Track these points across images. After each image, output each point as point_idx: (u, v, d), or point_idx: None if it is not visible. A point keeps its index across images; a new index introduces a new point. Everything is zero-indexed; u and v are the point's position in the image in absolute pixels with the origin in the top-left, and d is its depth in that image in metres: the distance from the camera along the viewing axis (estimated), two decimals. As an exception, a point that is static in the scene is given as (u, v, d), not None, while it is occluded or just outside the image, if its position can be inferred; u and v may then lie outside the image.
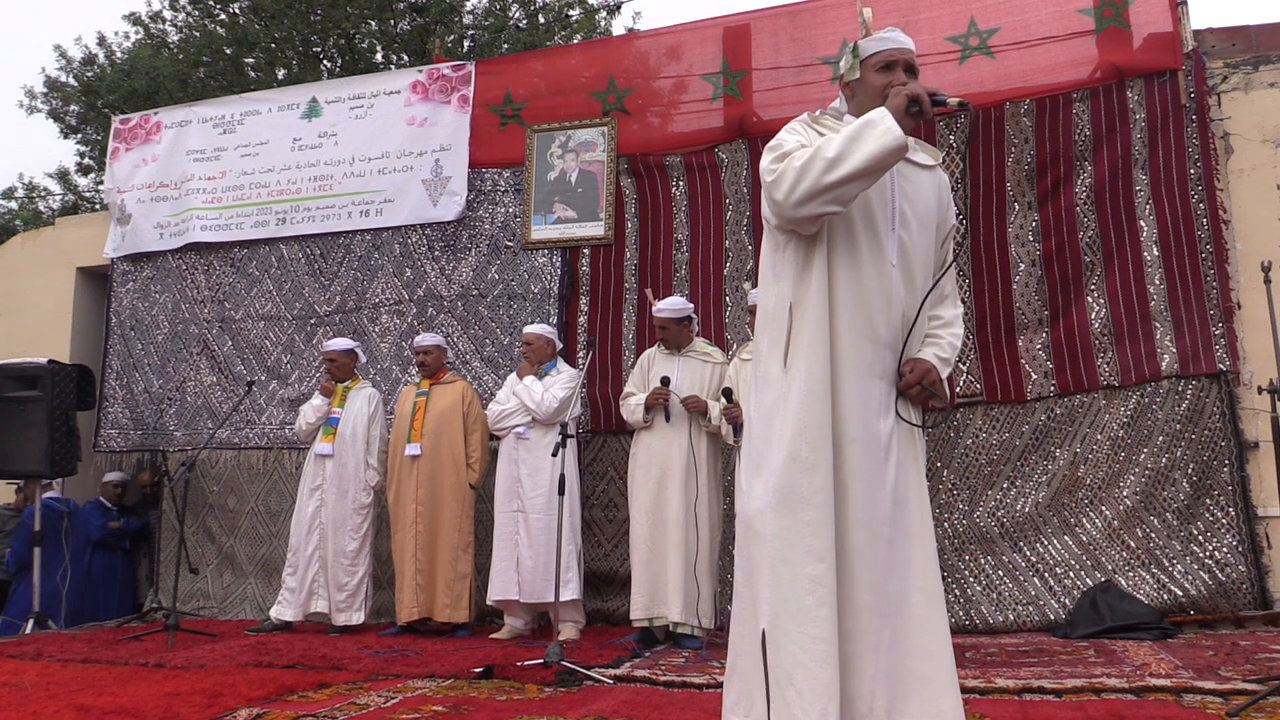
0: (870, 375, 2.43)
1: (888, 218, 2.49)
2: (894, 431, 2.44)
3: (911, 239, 2.50)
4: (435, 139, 7.26)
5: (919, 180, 2.56)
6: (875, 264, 2.46)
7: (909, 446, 2.48)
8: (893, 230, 2.49)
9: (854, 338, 2.43)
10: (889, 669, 2.31)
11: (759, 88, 6.55)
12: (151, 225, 8.00)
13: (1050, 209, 5.83)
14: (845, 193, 2.36)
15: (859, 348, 2.43)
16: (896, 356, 2.47)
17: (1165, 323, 5.52)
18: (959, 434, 5.77)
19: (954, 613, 5.46)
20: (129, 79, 15.11)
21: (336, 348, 6.43)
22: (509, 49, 14.73)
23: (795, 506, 2.34)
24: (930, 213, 2.56)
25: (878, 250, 2.46)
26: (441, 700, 3.70)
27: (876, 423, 2.42)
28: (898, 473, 2.42)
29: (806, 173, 2.36)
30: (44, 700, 3.80)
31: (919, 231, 2.52)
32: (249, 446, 7.40)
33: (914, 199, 2.52)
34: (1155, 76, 5.73)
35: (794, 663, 2.26)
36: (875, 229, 2.47)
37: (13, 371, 6.78)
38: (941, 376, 2.50)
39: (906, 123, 2.33)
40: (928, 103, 2.34)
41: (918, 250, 2.51)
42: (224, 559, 7.34)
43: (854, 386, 2.41)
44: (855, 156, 2.32)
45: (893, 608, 2.33)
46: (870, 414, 2.42)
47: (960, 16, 6.11)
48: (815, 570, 2.29)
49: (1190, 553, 5.23)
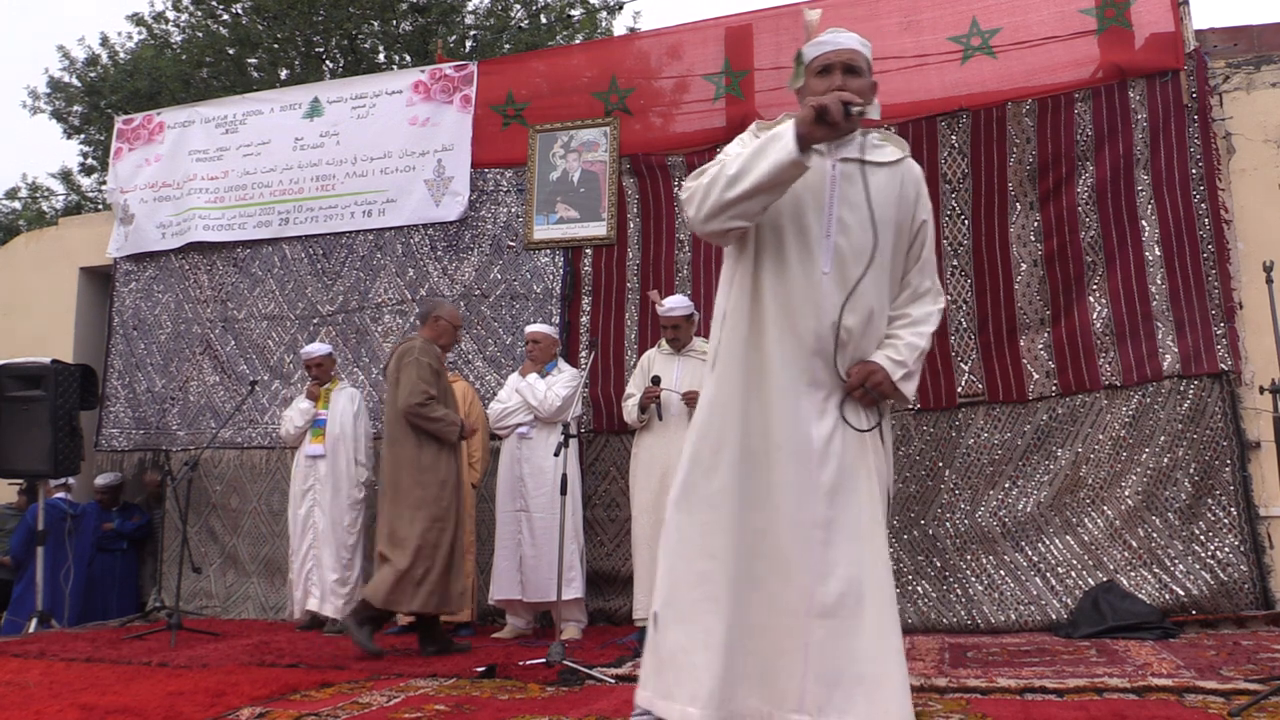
0: (802, 384, 2.46)
1: (823, 225, 2.49)
2: (834, 437, 2.44)
3: (851, 245, 2.48)
4: (438, 139, 7.27)
5: (873, 180, 2.51)
6: (805, 273, 2.48)
7: (856, 450, 2.46)
8: (828, 237, 2.49)
9: (782, 348, 2.47)
10: (823, 669, 2.33)
11: (761, 88, 6.55)
12: (154, 225, 8.02)
13: (1052, 209, 5.83)
14: (747, 209, 2.42)
15: (789, 357, 2.47)
16: (829, 364, 2.47)
17: (1167, 322, 5.52)
18: (961, 434, 5.77)
19: (955, 612, 5.47)
20: (132, 79, 15.14)
21: (319, 352, 6.50)
22: (511, 49, 14.74)
23: (693, 505, 2.47)
24: (887, 213, 2.52)
25: (808, 259, 2.48)
26: (444, 699, 3.71)
27: (808, 429, 2.44)
28: (838, 477, 2.42)
29: (711, 190, 2.44)
30: (47, 699, 3.81)
31: (868, 235, 2.48)
32: (252, 446, 7.41)
33: (862, 203, 2.48)
34: (1157, 76, 5.73)
35: (676, 647, 2.39)
36: (807, 237, 2.49)
37: (16, 371, 6.79)
38: (893, 377, 2.47)
39: (819, 133, 2.33)
40: (836, 112, 2.31)
41: (865, 256, 2.48)
42: (227, 558, 7.35)
43: (784, 395, 2.46)
44: (753, 174, 2.37)
45: (829, 609, 2.35)
46: (801, 421, 2.44)
47: (962, 16, 6.10)
48: (704, 566, 2.41)
49: (1192, 552, 5.23)
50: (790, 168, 2.34)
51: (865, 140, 2.54)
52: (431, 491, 4.97)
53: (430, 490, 4.98)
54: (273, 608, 6.97)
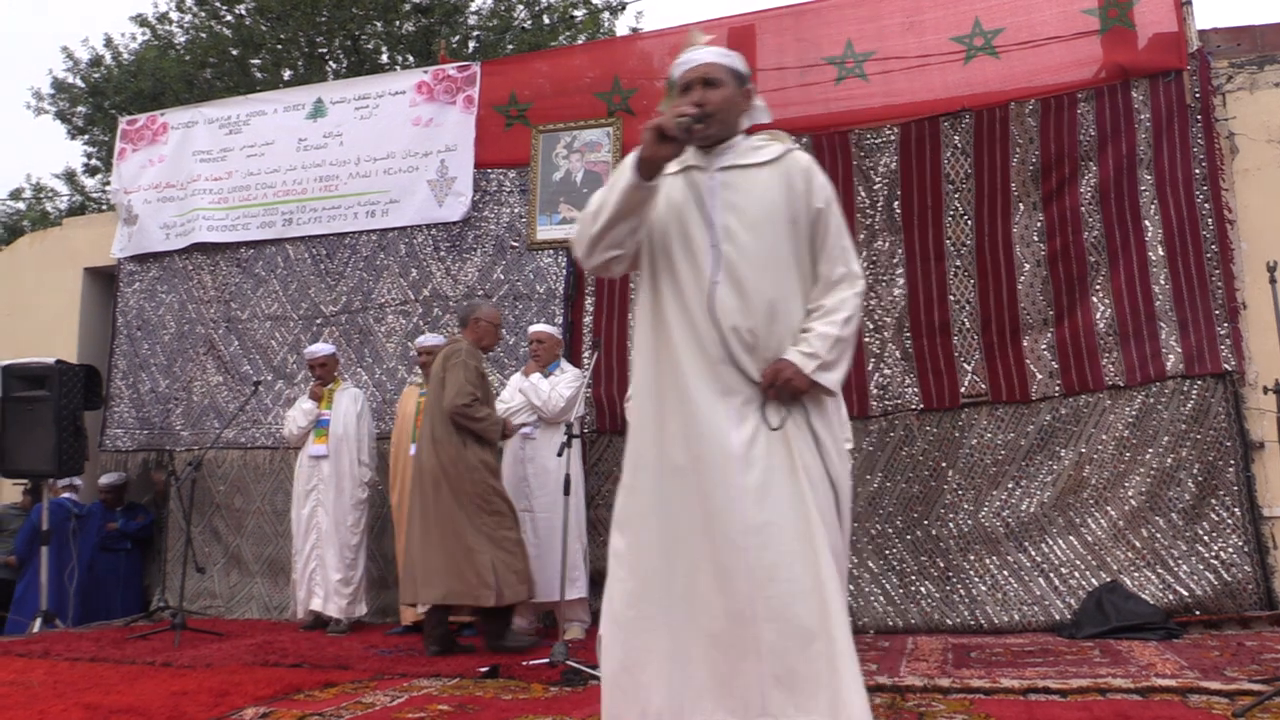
0: (715, 393, 2.48)
1: (706, 235, 2.53)
2: (755, 441, 2.44)
3: (739, 249, 2.50)
4: (441, 139, 7.28)
5: (754, 180, 2.56)
6: (698, 284, 2.51)
7: (781, 451, 2.45)
8: (714, 247, 2.51)
9: (690, 361, 2.50)
10: (780, 670, 2.33)
11: (763, 88, 6.54)
12: (158, 226, 8.03)
13: (1055, 209, 5.83)
14: (614, 238, 2.51)
15: (697, 369, 2.49)
16: (735, 370, 2.48)
17: (1170, 323, 5.52)
18: (964, 434, 5.77)
19: (959, 612, 5.47)
20: (135, 80, 15.16)
21: (322, 352, 6.51)
22: (514, 49, 14.75)
23: (623, 526, 2.54)
24: (774, 209, 2.54)
25: (699, 270, 2.52)
26: (447, 699, 3.71)
27: (727, 437, 2.44)
28: (765, 480, 2.41)
29: (582, 227, 2.57)
30: (51, 699, 3.82)
31: (756, 235, 2.51)
32: (255, 446, 7.42)
33: (745, 206, 2.53)
34: (1160, 76, 5.72)
35: (620, 667, 2.45)
36: (693, 250, 2.53)
37: (21, 371, 6.80)
38: (805, 370, 2.45)
39: (664, 151, 2.39)
40: (671, 128, 2.37)
41: (756, 256, 2.51)
42: (230, 558, 7.36)
43: (700, 406, 2.47)
44: (608, 206, 2.48)
45: (776, 612, 2.34)
46: (719, 430, 2.45)
47: (965, 17, 6.10)
48: (630, 586, 2.47)
49: (1196, 553, 5.22)
50: (634, 192, 2.42)
51: (745, 144, 2.62)
52: (481, 487, 5.06)
53: (479, 486, 5.06)
54: (276, 608, 6.98)
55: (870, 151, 6.18)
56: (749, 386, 2.47)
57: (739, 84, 2.64)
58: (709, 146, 2.59)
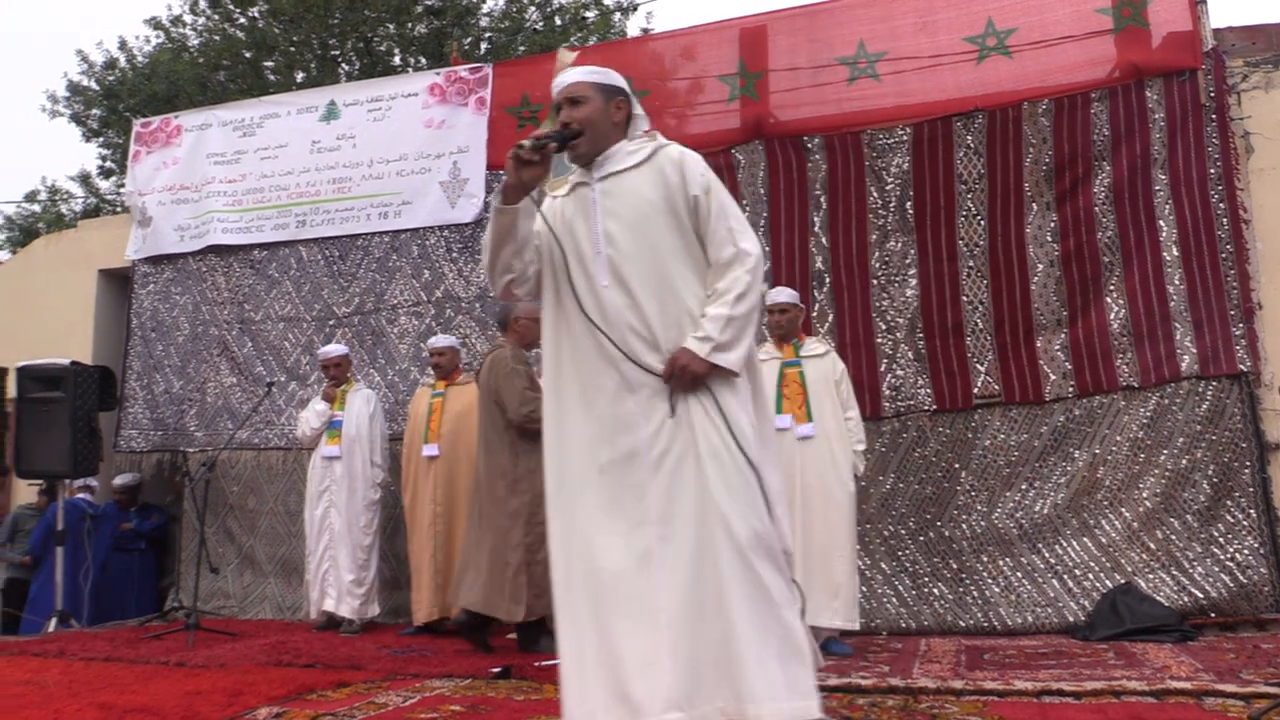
0: (616, 395, 2.59)
1: (593, 244, 2.66)
2: (660, 433, 2.55)
3: (620, 251, 2.63)
4: (453, 141, 7.29)
5: (629, 183, 2.70)
6: (590, 291, 2.65)
7: (684, 438, 2.55)
8: (599, 254, 2.65)
9: (593, 366, 2.62)
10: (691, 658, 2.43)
11: (776, 89, 6.54)
12: (172, 228, 8.06)
13: (1069, 209, 5.81)
14: (502, 264, 2.69)
15: (599, 372, 2.61)
16: (637, 367, 2.58)
17: (1185, 323, 5.49)
18: (977, 435, 5.75)
19: (972, 614, 5.45)
20: (150, 83, 15.24)
21: (336, 353, 6.51)
22: (525, 51, 14.77)
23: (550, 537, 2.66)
24: (650, 207, 2.67)
25: (589, 279, 2.67)
26: (460, 700, 3.72)
27: (635, 433, 2.56)
28: (671, 469, 2.53)
29: (482, 257, 2.77)
30: (66, 698, 3.84)
31: (634, 235, 2.65)
32: (269, 447, 7.44)
33: (623, 209, 2.67)
34: (1174, 76, 5.69)
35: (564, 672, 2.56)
36: (584, 261, 2.68)
37: (36, 372, 6.85)
38: (700, 354, 2.54)
39: (526, 174, 2.56)
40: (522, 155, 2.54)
41: (637, 255, 2.63)
42: (244, 559, 7.38)
43: (607, 407, 2.60)
44: (490, 234, 2.67)
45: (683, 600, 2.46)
46: (623, 432, 2.57)
47: (978, 17, 6.08)
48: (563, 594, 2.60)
49: (1211, 555, 5.20)
50: (499, 217, 2.62)
51: (622, 151, 2.73)
52: (526, 499, 5.01)
53: (524, 498, 5.01)
54: (289, 608, 7.00)
55: (883, 152, 6.17)
56: (654, 380, 2.57)
57: (608, 97, 2.75)
58: (588, 161, 2.74)
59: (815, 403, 4.91)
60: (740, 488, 2.48)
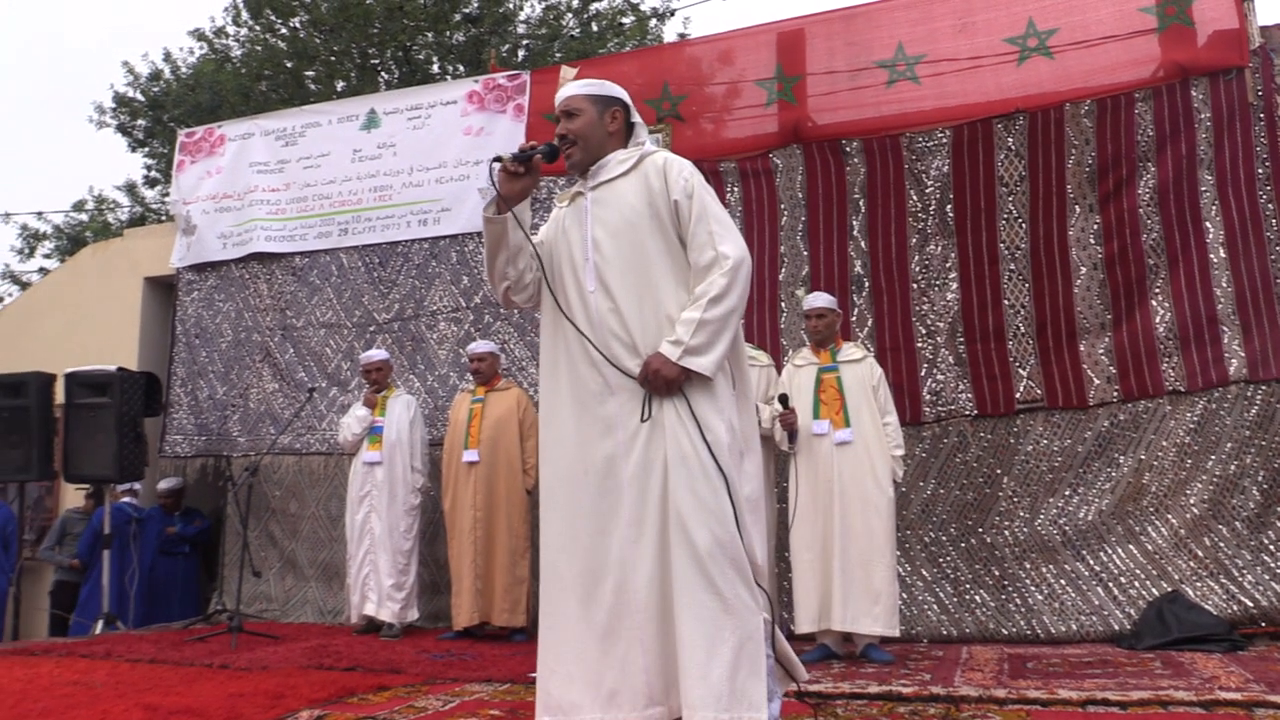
0: (600, 398, 2.65)
1: (583, 251, 2.72)
2: (637, 436, 2.60)
3: (605, 258, 2.71)
4: (492, 148, 7.29)
5: (618, 191, 2.77)
6: (580, 297, 2.73)
7: (655, 443, 2.59)
8: (588, 260, 2.72)
9: (581, 369, 2.69)
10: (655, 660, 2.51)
11: (814, 92, 6.52)
12: (215, 235, 8.18)
13: (1112, 211, 5.73)
14: (501, 273, 2.81)
15: (586, 376, 2.69)
16: (617, 371, 2.64)
17: (1233, 326, 5.39)
18: (1020, 440, 5.68)
19: (1015, 622, 5.39)
20: (193, 93, 15.46)
21: (378, 358, 6.56)
22: (562, 58, 14.81)
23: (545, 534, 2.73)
24: (635, 213, 2.73)
25: (579, 286, 2.74)
26: (499, 705, 3.72)
27: (612, 440, 2.63)
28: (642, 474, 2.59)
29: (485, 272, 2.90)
30: (113, 699, 3.89)
31: (619, 241, 2.71)
32: (310, 452, 7.52)
33: (611, 216, 2.74)
34: (1221, 74, 5.60)
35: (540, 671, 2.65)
36: (575, 268, 2.76)
37: (84, 379, 6.98)
38: (673, 359, 2.56)
39: (517, 185, 2.71)
40: (508, 164, 2.71)
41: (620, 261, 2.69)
42: (286, 562, 7.46)
43: (587, 415, 2.67)
44: (485, 246, 2.81)
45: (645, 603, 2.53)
46: (605, 434, 2.64)
47: (1018, 18, 6.03)
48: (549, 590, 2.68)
49: (1261, 562, 5.09)
50: (490, 228, 2.74)
51: (615, 160, 2.80)
52: None
53: None
54: (330, 612, 7.06)
55: (922, 154, 6.12)
56: (633, 384, 2.62)
57: (602, 108, 2.84)
58: (584, 170, 2.83)
59: (853, 408, 4.90)
60: (707, 495, 2.50)
